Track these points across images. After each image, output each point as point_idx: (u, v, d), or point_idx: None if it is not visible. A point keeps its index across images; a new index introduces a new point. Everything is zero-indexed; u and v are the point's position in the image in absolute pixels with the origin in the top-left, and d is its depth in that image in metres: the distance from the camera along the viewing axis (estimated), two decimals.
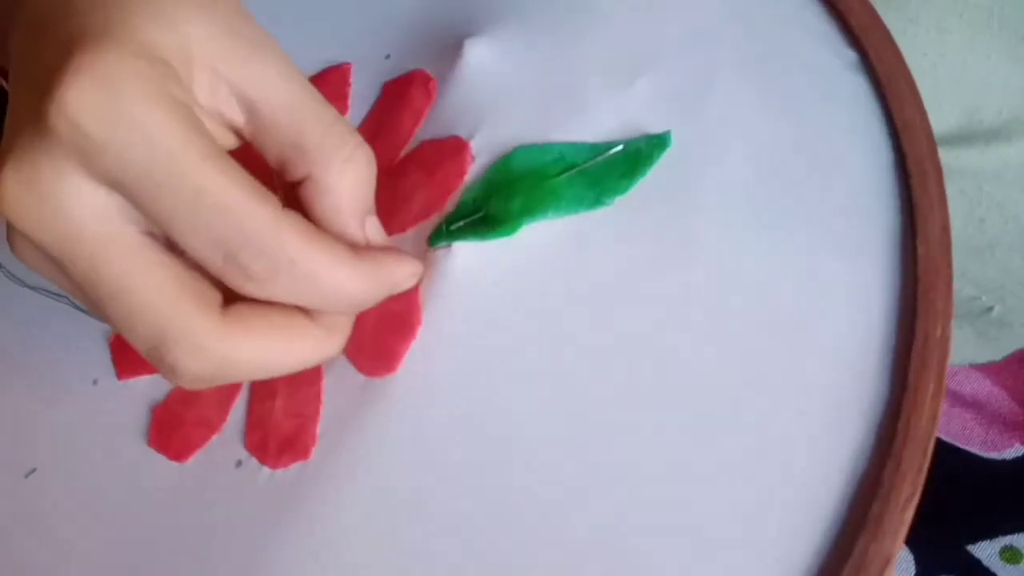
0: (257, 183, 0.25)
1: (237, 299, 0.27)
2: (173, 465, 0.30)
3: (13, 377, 0.35)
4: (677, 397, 0.26)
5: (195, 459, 0.30)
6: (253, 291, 0.26)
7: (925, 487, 0.47)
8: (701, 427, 0.25)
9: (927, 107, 0.43)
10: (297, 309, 0.27)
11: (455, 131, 0.33)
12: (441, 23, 0.36)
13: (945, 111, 0.44)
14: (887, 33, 0.30)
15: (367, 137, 0.29)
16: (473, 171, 0.32)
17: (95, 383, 0.33)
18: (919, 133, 0.27)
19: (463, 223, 0.30)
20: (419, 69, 0.35)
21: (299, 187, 0.28)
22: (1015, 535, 0.45)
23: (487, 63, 0.34)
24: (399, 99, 0.35)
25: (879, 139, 0.28)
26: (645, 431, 0.25)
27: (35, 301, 0.36)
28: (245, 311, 0.27)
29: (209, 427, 0.30)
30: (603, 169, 0.30)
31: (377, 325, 0.30)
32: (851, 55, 0.30)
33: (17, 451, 0.33)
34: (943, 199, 0.26)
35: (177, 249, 0.26)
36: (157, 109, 0.24)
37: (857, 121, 0.29)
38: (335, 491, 0.27)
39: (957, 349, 0.49)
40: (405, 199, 0.32)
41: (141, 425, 0.31)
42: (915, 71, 0.43)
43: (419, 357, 0.28)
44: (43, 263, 0.26)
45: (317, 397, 0.29)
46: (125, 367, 0.33)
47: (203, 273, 0.26)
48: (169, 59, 0.25)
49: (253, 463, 0.29)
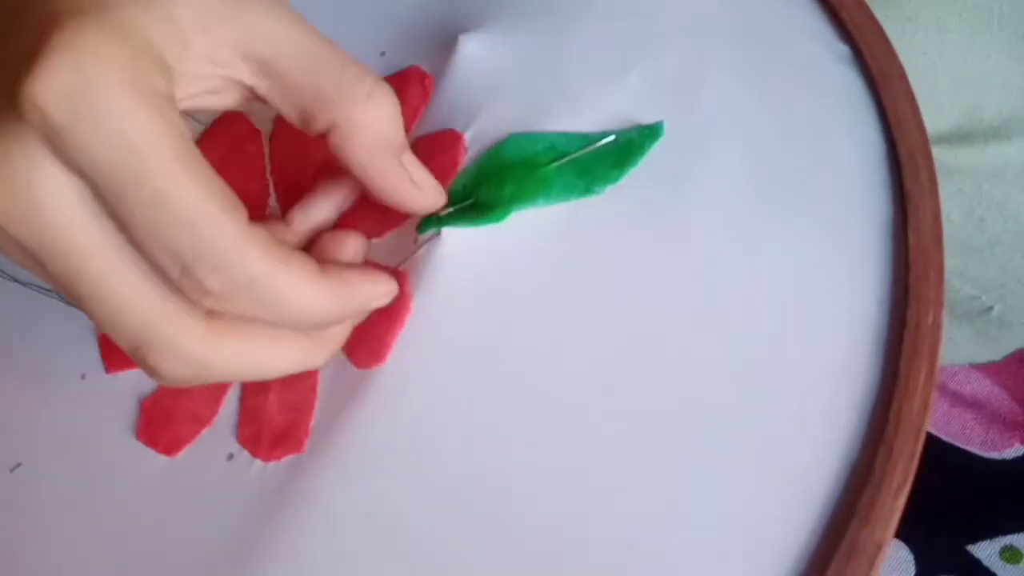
0: (228, 192, 0.24)
1: None
2: (162, 458, 0.30)
3: (0, 372, 0.35)
4: (667, 385, 0.26)
5: (185, 453, 0.30)
6: (212, 305, 0.24)
7: (926, 486, 0.47)
8: (692, 415, 0.25)
9: (926, 106, 0.43)
10: None
11: (450, 125, 0.33)
12: (435, 19, 0.36)
13: (945, 110, 0.44)
14: (879, 28, 0.30)
15: None
16: (466, 161, 0.32)
17: (83, 377, 0.33)
18: (911, 125, 0.27)
19: (452, 209, 0.30)
20: (415, 66, 0.35)
21: (328, 138, 0.27)
22: (1015, 535, 0.45)
23: (481, 57, 0.34)
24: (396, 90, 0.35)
25: (871, 131, 0.28)
26: (634, 419, 0.25)
27: (22, 296, 0.36)
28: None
29: (199, 421, 0.30)
30: (594, 158, 0.30)
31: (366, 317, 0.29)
32: (843, 49, 0.30)
33: (3, 445, 0.32)
34: (934, 190, 0.26)
35: None
36: (129, 99, 0.23)
37: (849, 114, 0.29)
38: (326, 483, 0.27)
39: (957, 349, 0.49)
40: None
41: (130, 419, 0.31)
42: (914, 70, 0.42)
43: (409, 346, 0.28)
44: (22, 256, 0.25)
45: (312, 391, 0.29)
46: (113, 361, 0.33)
47: None
48: (153, 37, 0.24)
49: (245, 456, 0.29)
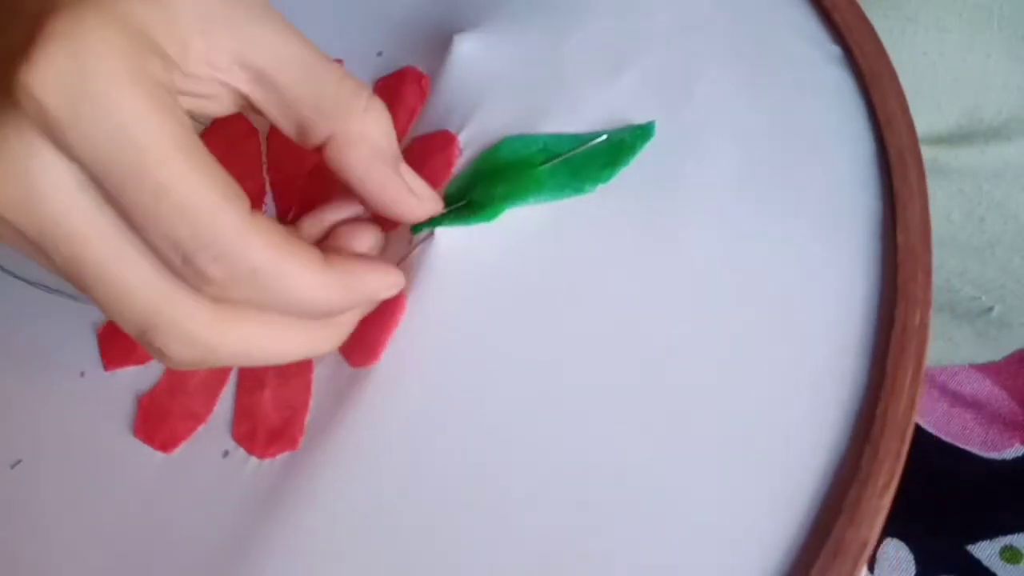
0: (230, 182, 0.24)
1: None
2: (159, 455, 0.30)
3: (0, 369, 0.35)
4: (657, 382, 0.26)
5: (181, 449, 0.30)
6: (215, 293, 0.24)
7: (926, 486, 0.47)
8: (681, 412, 0.25)
9: (926, 106, 0.43)
10: None
11: (445, 126, 0.33)
12: (431, 19, 0.37)
13: (945, 110, 0.44)
14: (870, 27, 0.30)
15: None
16: (461, 163, 0.32)
17: (83, 375, 0.33)
18: (901, 125, 0.27)
19: (446, 210, 0.30)
20: (411, 66, 0.36)
21: (324, 151, 0.27)
22: (1015, 535, 0.45)
23: (476, 58, 0.34)
24: (393, 97, 0.35)
25: (861, 131, 0.28)
26: (624, 416, 0.26)
27: (22, 293, 0.36)
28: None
29: (195, 418, 0.30)
30: (586, 158, 0.30)
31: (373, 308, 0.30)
32: (835, 50, 0.30)
33: (3, 442, 0.33)
34: (923, 190, 0.26)
35: None
36: (129, 89, 0.22)
37: (840, 114, 0.29)
38: (321, 480, 0.27)
39: (957, 349, 0.49)
40: None
41: (128, 416, 0.31)
42: (914, 70, 0.43)
43: (403, 345, 0.29)
44: (25, 245, 0.25)
45: (307, 388, 0.29)
46: (112, 358, 0.33)
47: None
48: (154, 31, 0.24)
49: (240, 453, 0.29)
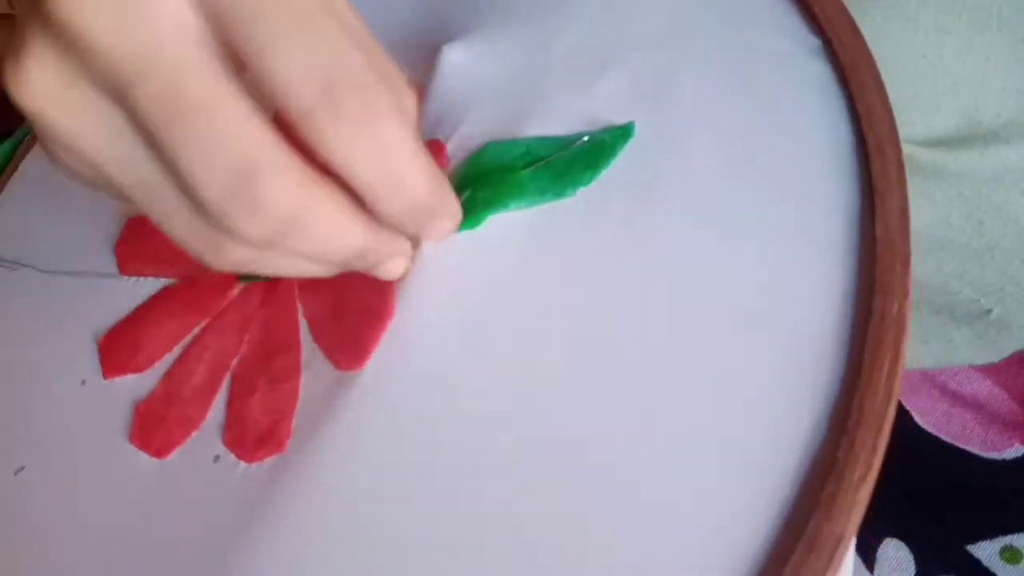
0: None
1: None
2: (155, 462, 0.31)
3: (3, 378, 0.35)
4: (636, 378, 0.26)
5: (176, 455, 0.30)
6: (341, 134, 0.23)
7: (926, 486, 0.47)
8: (658, 406, 0.25)
9: (925, 109, 0.43)
10: None
11: (434, 135, 0.34)
12: (419, 30, 0.37)
13: (944, 112, 0.44)
14: (850, 20, 0.30)
15: None
16: (449, 170, 0.32)
17: (84, 383, 0.34)
18: (880, 117, 0.27)
19: None
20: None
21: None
22: (1015, 535, 0.45)
23: (464, 67, 0.35)
24: None
25: (841, 124, 0.28)
26: (604, 413, 0.26)
27: (26, 303, 0.37)
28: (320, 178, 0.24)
29: (189, 424, 0.31)
30: (567, 161, 0.30)
31: (356, 319, 0.30)
32: (815, 43, 0.30)
33: (6, 450, 0.33)
34: (902, 181, 0.26)
35: None
36: None
37: (820, 107, 0.29)
38: (308, 483, 0.28)
39: (957, 351, 0.49)
40: None
41: (126, 424, 0.32)
42: (914, 72, 0.43)
43: (390, 349, 0.29)
44: (86, 104, 0.23)
45: (295, 392, 0.30)
46: (111, 366, 0.33)
47: None
48: None
49: (231, 458, 0.29)
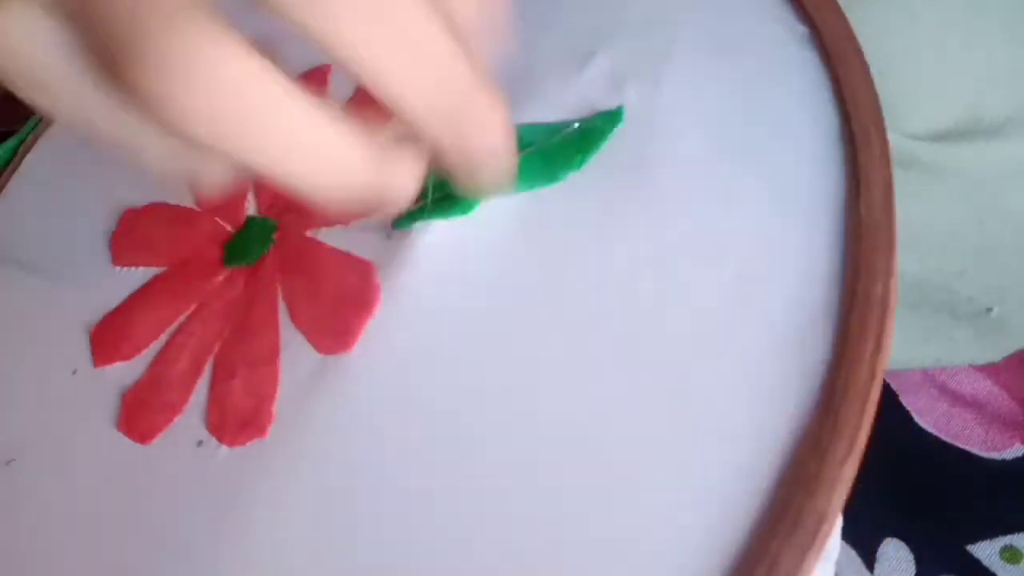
0: None
1: None
2: (141, 448, 0.31)
3: None
4: (624, 358, 0.26)
5: (160, 441, 0.30)
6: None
7: (926, 486, 0.46)
8: (645, 386, 0.25)
9: (927, 103, 0.43)
10: None
11: None
12: None
13: (946, 107, 0.43)
14: (837, 7, 0.30)
15: None
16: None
17: (75, 373, 0.34)
18: (865, 99, 0.27)
19: (424, 204, 0.30)
20: None
21: None
22: (1015, 535, 0.45)
23: None
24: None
25: (827, 107, 0.28)
26: (592, 394, 0.26)
27: (18, 297, 0.37)
28: None
29: (172, 409, 0.31)
30: (558, 147, 0.30)
31: (335, 302, 0.30)
32: (802, 30, 0.30)
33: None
34: (887, 163, 0.26)
35: None
36: None
37: (806, 92, 0.29)
38: (290, 467, 0.27)
39: (957, 349, 0.48)
40: None
41: (114, 412, 0.32)
42: (916, 67, 0.42)
43: (376, 335, 0.29)
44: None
45: (275, 376, 0.30)
46: (101, 355, 0.33)
47: None
48: None
49: (213, 442, 0.29)
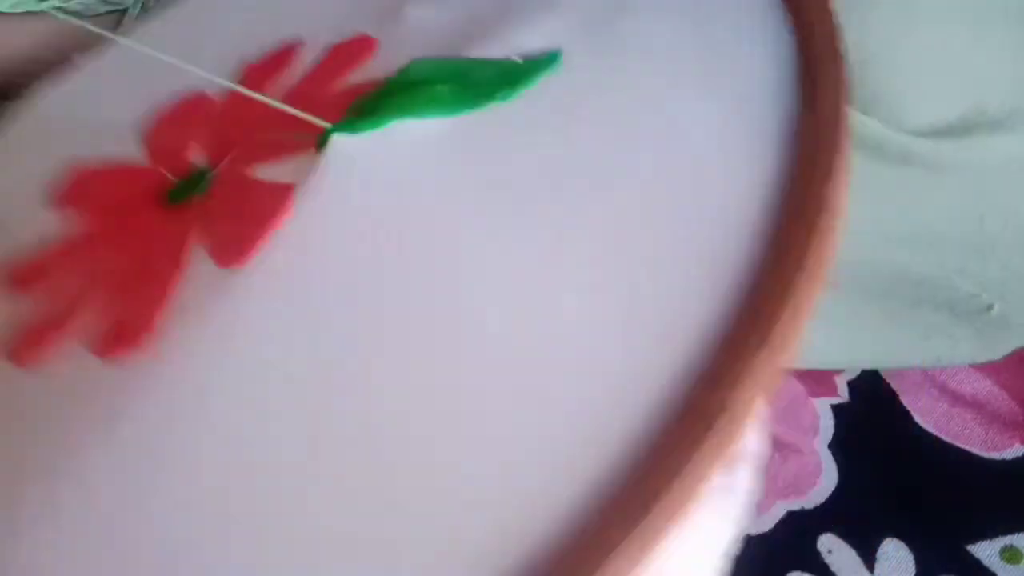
0: None
1: None
2: (30, 374, 0.29)
3: None
4: (556, 267, 0.25)
5: (46, 364, 0.29)
6: None
7: (926, 486, 0.45)
8: (582, 285, 0.24)
9: (930, 98, 0.42)
10: None
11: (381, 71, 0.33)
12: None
13: (948, 104, 0.43)
14: None
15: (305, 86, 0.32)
16: (376, 86, 0.32)
17: None
18: (824, 33, 0.26)
19: (344, 121, 0.30)
20: (362, 34, 0.35)
21: None
22: (1015, 535, 0.44)
23: (425, 19, 0.35)
24: (343, 56, 0.35)
25: (783, 38, 0.27)
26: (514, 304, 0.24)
27: None
28: None
29: (59, 328, 0.29)
30: (487, 77, 0.30)
31: (244, 220, 0.28)
32: None
33: None
34: (842, 79, 0.25)
35: None
36: None
37: (762, 26, 0.28)
38: (171, 384, 0.26)
39: (957, 347, 0.47)
40: None
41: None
42: (918, 62, 0.42)
43: (283, 251, 0.27)
44: None
45: (164, 290, 0.28)
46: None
47: None
48: None
49: (91, 357, 0.28)
